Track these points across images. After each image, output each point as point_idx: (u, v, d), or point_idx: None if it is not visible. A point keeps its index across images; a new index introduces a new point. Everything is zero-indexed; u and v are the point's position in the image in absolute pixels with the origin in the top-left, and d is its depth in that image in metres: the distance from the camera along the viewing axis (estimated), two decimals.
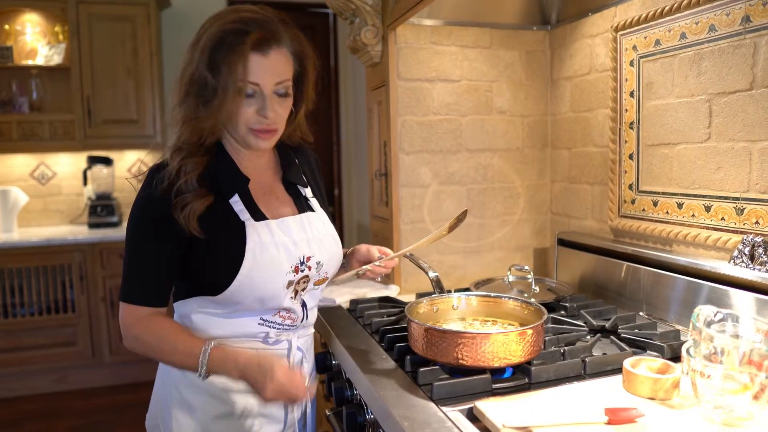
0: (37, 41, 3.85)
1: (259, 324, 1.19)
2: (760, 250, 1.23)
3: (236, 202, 1.15)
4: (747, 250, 1.26)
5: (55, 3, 3.66)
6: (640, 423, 0.92)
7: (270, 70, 1.07)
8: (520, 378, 1.12)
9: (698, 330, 0.95)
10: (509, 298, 1.32)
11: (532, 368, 1.11)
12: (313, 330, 1.33)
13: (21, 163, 3.94)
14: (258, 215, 1.16)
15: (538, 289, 1.64)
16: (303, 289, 1.22)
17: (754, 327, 0.97)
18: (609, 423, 0.92)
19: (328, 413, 1.49)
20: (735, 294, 1.27)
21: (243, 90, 1.06)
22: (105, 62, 3.73)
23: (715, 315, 1.00)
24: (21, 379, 3.51)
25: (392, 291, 1.85)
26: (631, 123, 1.63)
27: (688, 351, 0.96)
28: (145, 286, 1.13)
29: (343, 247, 1.33)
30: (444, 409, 1.01)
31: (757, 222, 1.28)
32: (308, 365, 1.31)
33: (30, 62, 3.79)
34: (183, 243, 1.11)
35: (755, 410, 0.90)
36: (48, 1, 3.68)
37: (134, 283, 1.13)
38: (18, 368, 3.49)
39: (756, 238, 1.25)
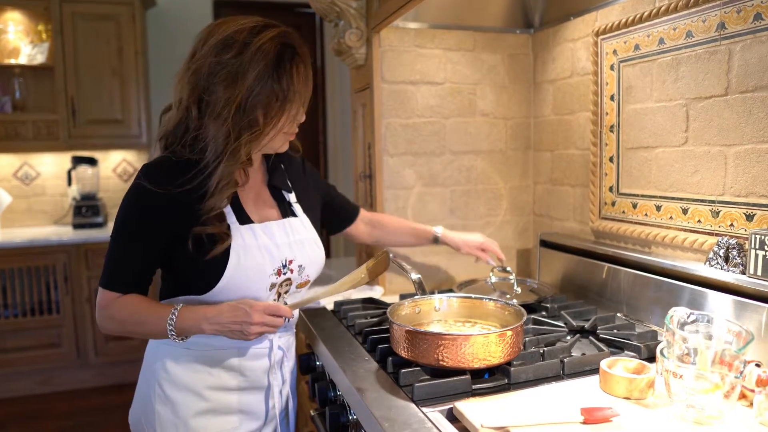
0: (19, 40, 3.81)
1: None
2: (734, 252, 1.26)
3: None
4: (722, 252, 1.29)
5: (38, 2, 3.64)
6: (615, 422, 0.94)
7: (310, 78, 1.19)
8: (499, 379, 1.14)
9: (671, 331, 0.98)
10: (490, 299, 1.34)
11: (512, 369, 1.13)
12: (294, 330, 1.36)
13: (4, 163, 3.90)
14: (244, 218, 1.20)
15: (520, 290, 1.66)
16: (286, 292, 1.25)
17: (726, 328, 1.00)
18: (585, 422, 0.94)
19: (312, 414, 1.50)
20: (710, 295, 1.30)
21: (303, 100, 1.17)
22: (89, 62, 3.70)
23: (688, 317, 1.02)
24: (5, 381, 3.48)
25: (376, 292, 1.86)
26: (612, 126, 1.66)
27: (661, 352, 0.98)
28: (127, 276, 1.16)
29: (325, 248, 1.35)
30: (424, 409, 1.02)
31: (731, 224, 1.31)
32: (289, 364, 1.33)
33: (12, 61, 3.75)
34: (170, 239, 1.13)
35: (725, 409, 0.92)
36: (31, 0, 3.65)
37: (117, 272, 1.16)
38: (2, 370, 3.46)
39: (730, 241, 1.28)
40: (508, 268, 1.69)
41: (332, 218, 1.59)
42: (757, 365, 0.97)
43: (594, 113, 1.70)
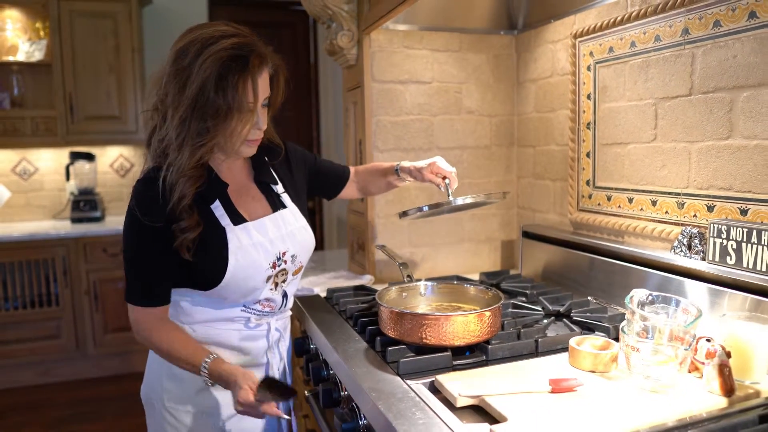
0: (17, 37, 3.87)
1: (241, 311, 1.31)
2: (696, 241, 1.37)
3: (217, 207, 1.26)
4: (685, 240, 1.40)
5: None
6: (579, 391, 1.05)
7: (263, 88, 1.19)
8: (478, 355, 1.24)
9: (630, 310, 1.08)
10: (471, 285, 1.44)
11: (489, 347, 1.23)
12: (290, 313, 1.46)
13: (2, 158, 3.97)
14: (237, 219, 1.27)
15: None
16: (283, 281, 1.34)
17: (681, 307, 1.11)
18: (552, 392, 1.04)
19: (307, 394, 1.60)
20: (675, 280, 1.40)
21: (253, 109, 1.16)
22: (87, 59, 3.78)
23: (647, 297, 1.13)
24: (5, 372, 3.56)
25: (367, 280, 1.96)
26: (588, 123, 1.76)
27: (622, 329, 1.09)
28: (147, 290, 1.24)
29: (319, 239, 1.44)
30: (409, 382, 1.13)
31: (695, 215, 1.42)
32: (285, 343, 1.44)
33: (11, 58, 3.82)
34: (174, 250, 1.20)
35: (678, 378, 1.03)
36: None
37: (137, 288, 1.24)
38: (2, 361, 3.54)
39: (693, 230, 1.38)
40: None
41: (322, 187, 1.61)
42: (708, 340, 1.08)
43: (572, 111, 1.81)
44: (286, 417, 1.21)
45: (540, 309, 1.53)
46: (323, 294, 1.83)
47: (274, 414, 1.16)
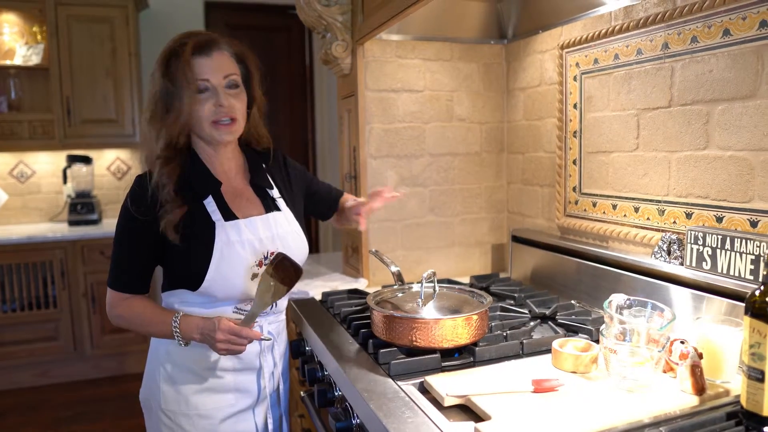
0: (14, 41, 3.90)
1: (233, 312, 1.37)
2: (675, 246, 1.43)
3: (209, 203, 1.34)
4: (665, 246, 1.46)
5: (33, 4, 3.74)
6: (560, 391, 1.10)
7: (215, 67, 1.30)
8: (466, 357, 1.30)
9: (609, 315, 1.14)
10: (460, 289, 1.50)
11: (477, 349, 1.29)
12: (284, 317, 1.51)
13: (0, 161, 4.00)
14: (229, 215, 1.35)
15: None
16: None
17: (656, 311, 1.17)
18: (534, 391, 1.10)
19: (302, 395, 1.66)
20: (655, 284, 1.46)
21: (197, 87, 1.27)
22: (84, 63, 3.81)
23: (625, 302, 1.19)
24: (4, 373, 3.59)
25: (361, 284, 2.02)
26: (575, 132, 1.82)
27: (601, 332, 1.15)
28: (128, 277, 1.34)
29: (308, 241, 1.49)
30: (399, 383, 1.18)
31: (674, 222, 1.48)
32: (279, 348, 1.49)
33: (8, 62, 3.85)
34: (160, 243, 1.30)
35: (654, 379, 1.09)
36: (26, 2, 3.75)
37: (119, 274, 1.34)
38: (0, 363, 3.57)
39: (672, 236, 1.44)
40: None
41: (315, 210, 1.68)
42: (682, 342, 1.14)
43: (559, 120, 1.87)
44: (268, 338, 1.32)
45: (527, 312, 1.59)
46: (318, 297, 1.89)
47: (255, 337, 1.25)
